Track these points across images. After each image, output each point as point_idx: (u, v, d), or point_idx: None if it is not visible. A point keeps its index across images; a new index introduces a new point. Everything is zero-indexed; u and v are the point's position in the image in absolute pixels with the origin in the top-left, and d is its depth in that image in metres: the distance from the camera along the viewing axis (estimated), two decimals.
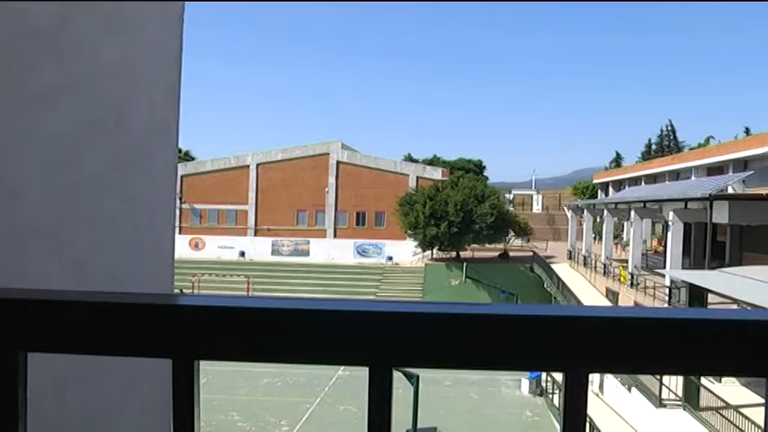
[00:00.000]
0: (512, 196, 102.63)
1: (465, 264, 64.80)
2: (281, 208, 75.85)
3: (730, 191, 40.70)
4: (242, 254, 74.95)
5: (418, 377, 24.83)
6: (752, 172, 41.64)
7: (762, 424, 18.77)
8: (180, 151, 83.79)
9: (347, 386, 34.56)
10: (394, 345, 0.80)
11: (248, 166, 77.13)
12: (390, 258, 72.81)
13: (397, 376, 23.46)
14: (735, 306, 22.09)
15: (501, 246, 72.20)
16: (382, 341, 0.80)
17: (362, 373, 0.81)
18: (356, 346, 0.81)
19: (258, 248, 75.09)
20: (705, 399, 22.85)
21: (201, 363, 0.84)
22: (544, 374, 36.00)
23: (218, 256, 73.98)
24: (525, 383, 37.65)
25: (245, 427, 31.70)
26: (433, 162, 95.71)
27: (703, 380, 22.81)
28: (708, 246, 33.60)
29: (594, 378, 35.02)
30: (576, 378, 0.79)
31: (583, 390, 0.80)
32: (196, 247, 74.73)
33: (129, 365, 2.93)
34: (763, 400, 21.92)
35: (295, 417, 32.62)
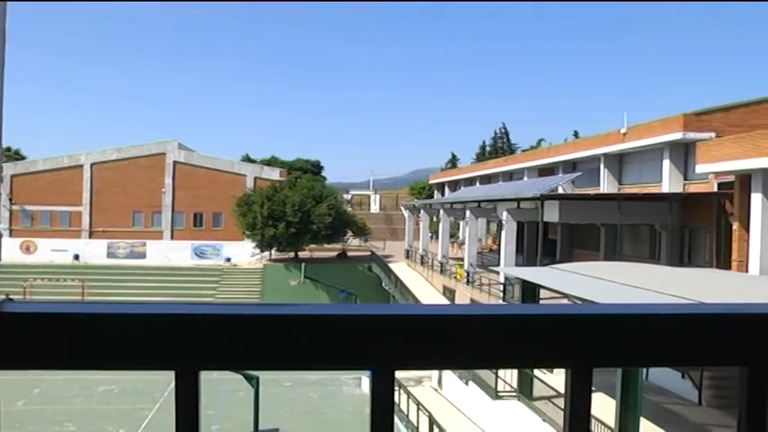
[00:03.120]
0: (350, 196, 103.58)
1: (304, 264, 64.88)
2: (116, 209, 73.93)
3: (560, 191, 42.38)
4: (76, 257, 72.34)
5: (258, 379, 24.47)
6: (580, 173, 43.49)
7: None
8: (9, 150, 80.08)
9: None
10: (201, 348, 0.79)
11: (82, 166, 74.80)
12: (229, 260, 72.11)
13: (238, 378, 23.21)
14: (565, 301, 22.99)
15: (339, 246, 72.74)
16: (187, 345, 0.79)
17: (205, 376, 0.85)
18: (162, 350, 0.79)
19: (93, 251, 72.82)
20: (538, 389, 23.74)
21: (34, 373, 0.83)
22: None
23: (51, 260, 71.02)
24: (366, 381, 37.94)
25: None
26: (271, 162, 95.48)
27: (537, 371, 23.66)
28: (540, 243, 34.77)
29: (433, 374, 35.76)
30: (382, 376, 0.81)
31: (389, 387, 0.81)
32: (27, 250, 71.88)
33: None
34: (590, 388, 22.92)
35: (134, 424, 31.77)
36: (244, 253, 71.15)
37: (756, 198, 24.56)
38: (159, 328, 0.78)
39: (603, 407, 19.77)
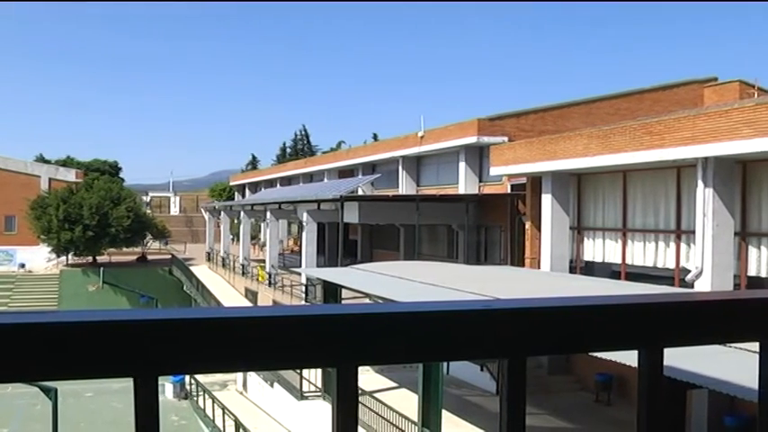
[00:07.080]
0: (149, 198, 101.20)
1: (102, 269, 62.93)
2: None
3: (361, 192, 43.16)
4: None
5: (56, 390, 23.50)
6: (379, 175, 44.44)
7: (393, 405, 20.32)
8: None
9: None
10: None
11: None
12: (23, 266, 68.62)
13: (35, 391, 22.33)
14: (367, 300, 23.49)
15: (139, 249, 71.01)
16: None
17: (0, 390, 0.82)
18: None
19: None
20: None
21: None
22: (188, 377, 35.89)
23: None
24: (169, 387, 37.31)
25: None
26: (67, 163, 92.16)
27: None
28: (341, 244, 35.29)
29: (238, 378, 35.67)
30: (145, 383, 0.80)
31: (151, 394, 0.80)
32: None
33: None
34: (394, 384, 23.68)
35: None
36: (39, 258, 68.03)
37: (546, 199, 25.95)
38: None
39: (408, 402, 20.44)
